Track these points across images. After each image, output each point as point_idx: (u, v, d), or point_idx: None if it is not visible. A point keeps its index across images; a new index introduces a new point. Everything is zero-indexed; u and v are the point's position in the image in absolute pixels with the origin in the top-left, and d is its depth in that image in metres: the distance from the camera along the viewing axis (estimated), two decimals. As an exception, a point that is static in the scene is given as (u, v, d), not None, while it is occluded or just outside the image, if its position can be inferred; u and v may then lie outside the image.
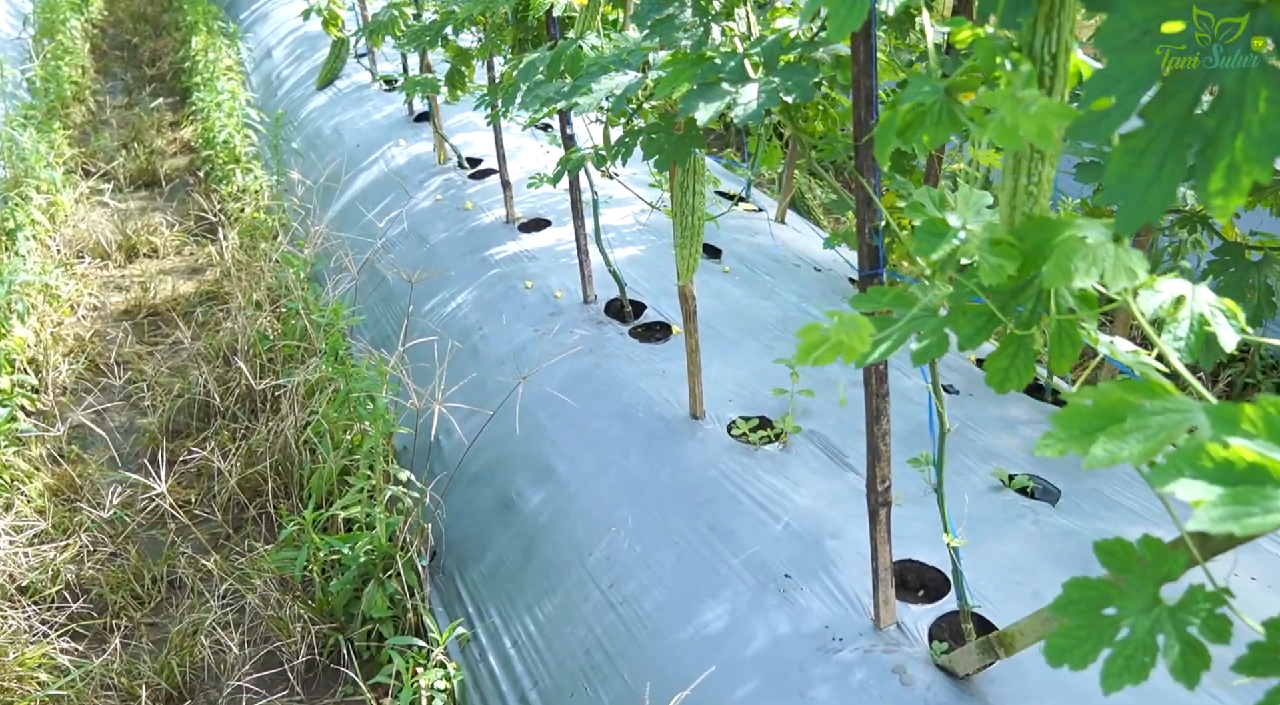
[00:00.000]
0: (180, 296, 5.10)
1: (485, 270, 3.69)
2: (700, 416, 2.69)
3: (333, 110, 5.91)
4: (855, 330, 1.27)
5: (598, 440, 2.74)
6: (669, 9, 1.93)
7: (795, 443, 2.57)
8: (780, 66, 1.78)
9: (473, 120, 5.03)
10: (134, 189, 6.66)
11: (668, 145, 2.11)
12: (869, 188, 1.77)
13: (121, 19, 11.35)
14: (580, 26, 2.60)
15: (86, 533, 3.25)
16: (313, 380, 3.50)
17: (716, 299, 3.28)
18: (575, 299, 3.35)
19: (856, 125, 1.75)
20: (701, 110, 1.69)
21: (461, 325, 3.49)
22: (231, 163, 5.78)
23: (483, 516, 2.82)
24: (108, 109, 8.25)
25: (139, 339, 4.74)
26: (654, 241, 3.67)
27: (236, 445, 3.63)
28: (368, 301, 4.03)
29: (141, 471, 3.78)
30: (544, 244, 3.76)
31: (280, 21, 8.16)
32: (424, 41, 3.78)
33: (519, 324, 3.32)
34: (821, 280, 3.50)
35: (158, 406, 4.08)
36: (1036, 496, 2.37)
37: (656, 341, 3.09)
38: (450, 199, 4.32)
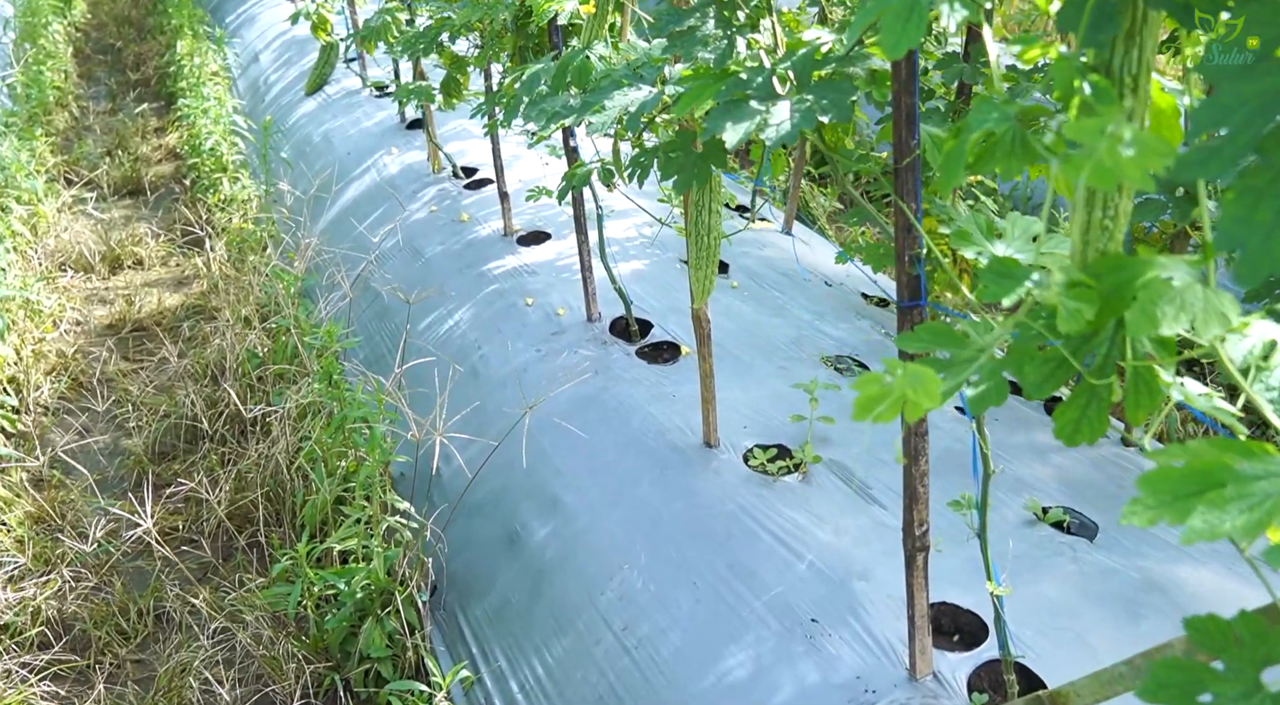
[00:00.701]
0: (166, 310, 4.95)
1: (483, 286, 3.56)
2: (714, 444, 2.56)
3: (322, 117, 5.76)
4: (922, 385, 1.14)
5: (607, 470, 2.61)
6: (690, 20, 1.80)
7: (816, 473, 2.44)
8: (813, 83, 1.65)
9: (467, 128, 4.89)
10: (118, 198, 6.50)
11: (687, 165, 1.98)
12: (910, 213, 1.65)
13: (105, 22, 11.17)
14: (587, 35, 2.47)
15: (69, 566, 3.10)
16: (305, 402, 3.36)
17: (726, 317, 3.15)
18: (579, 317, 3.22)
19: (897, 146, 1.63)
20: (730, 131, 1.57)
21: (459, 345, 3.36)
22: (218, 171, 5.63)
23: (486, 550, 2.69)
24: (91, 115, 8.08)
25: (123, 355, 4.59)
26: (658, 256, 3.55)
27: (225, 470, 3.48)
28: (361, 318, 3.89)
29: (127, 497, 3.63)
30: (544, 258, 3.63)
31: (267, 25, 8.00)
32: (418, 48, 3.65)
33: (520, 344, 3.19)
34: (833, 296, 3.38)
35: (143, 427, 3.93)
36: (1073, 531, 2.25)
37: (665, 363, 2.96)
38: (445, 210, 4.18)
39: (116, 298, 5.04)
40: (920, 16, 1.25)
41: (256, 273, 4.49)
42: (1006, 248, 1.57)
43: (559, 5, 2.52)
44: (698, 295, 2.36)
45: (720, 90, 1.68)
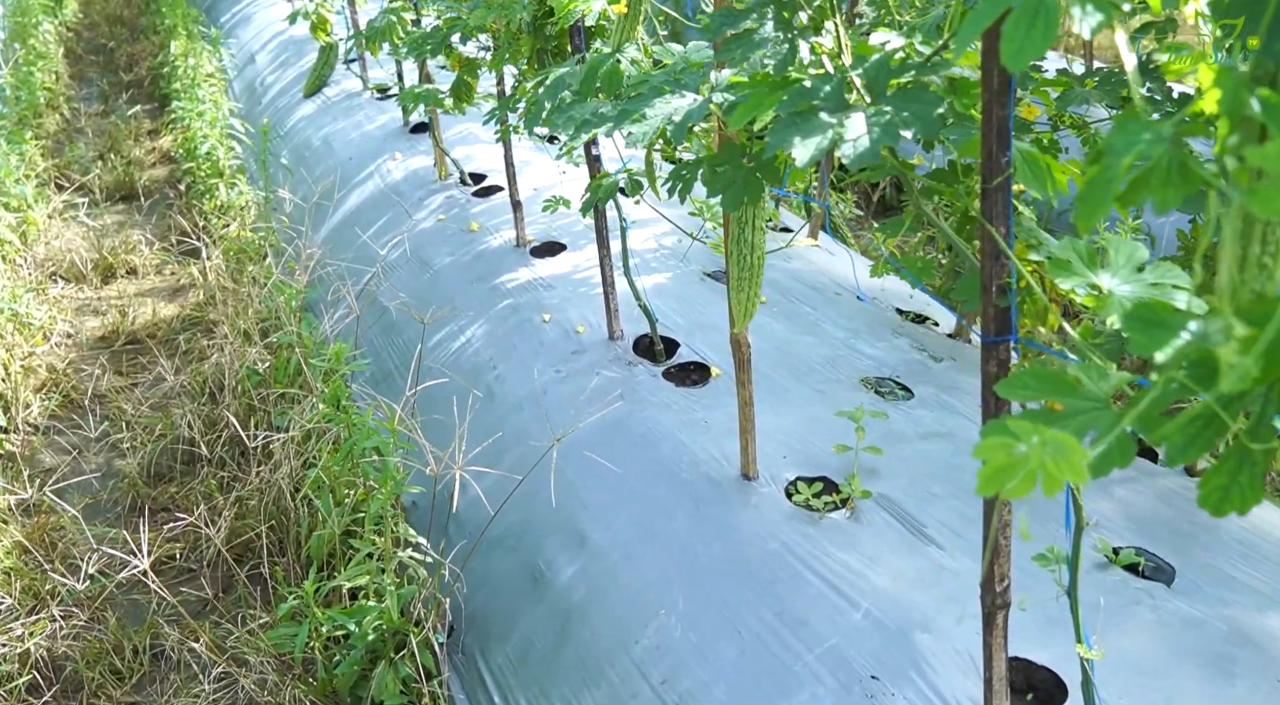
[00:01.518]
0: (161, 321, 4.76)
1: (496, 301, 3.38)
2: (753, 476, 2.39)
3: (321, 120, 5.58)
4: (1065, 456, 0.97)
5: (637, 503, 2.44)
6: (746, 22, 1.63)
7: (864, 510, 2.27)
8: (890, 92, 1.47)
9: (474, 132, 4.71)
10: (111, 203, 6.31)
11: (737, 179, 1.81)
12: (999, 238, 1.47)
13: (97, 22, 10.97)
14: (617, 38, 2.29)
15: (59, 604, 2.92)
16: (309, 424, 3.18)
17: (756, 335, 2.97)
18: (599, 335, 3.05)
19: (986, 164, 1.45)
20: (799, 147, 1.39)
21: (472, 364, 3.18)
22: (214, 176, 5.44)
23: (507, 588, 2.51)
24: (83, 117, 7.89)
25: (117, 370, 4.40)
26: (680, 269, 3.37)
27: (225, 496, 3.30)
28: (367, 333, 3.71)
29: (121, 523, 3.45)
30: (560, 271, 3.45)
31: (264, 25, 7.81)
32: (425, 50, 3.47)
33: (538, 363, 3.01)
34: (866, 311, 3.20)
35: (138, 448, 3.74)
36: (1148, 575, 2.08)
37: (694, 385, 2.79)
38: (453, 219, 4.00)
39: (109, 308, 4.85)
40: (1049, 21, 1.07)
41: (256, 284, 4.31)
42: (1111, 278, 1.40)
43: (585, 6, 2.34)
44: (738, 319, 2.18)
45: (782, 100, 1.51)
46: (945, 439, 2.50)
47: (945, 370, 2.84)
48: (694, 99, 1.84)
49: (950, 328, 3.18)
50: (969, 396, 2.71)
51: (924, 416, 2.59)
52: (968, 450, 2.46)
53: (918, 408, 2.64)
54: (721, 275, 3.38)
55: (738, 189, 1.80)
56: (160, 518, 3.51)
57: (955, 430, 2.54)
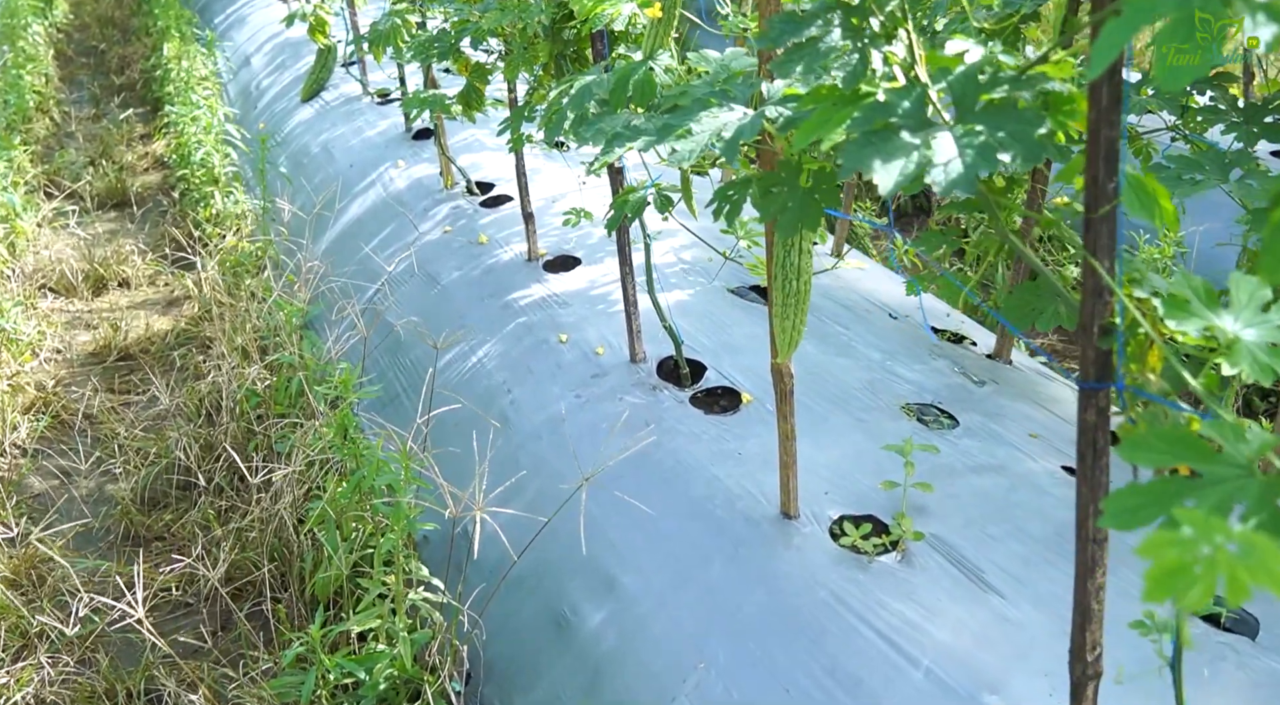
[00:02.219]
0: (155, 335, 4.58)
1: (509, 319, 3.21)
2: (795, 516, 2.22)
3: (320, 126, 5.40)
4: (1260, 561, 0.80)
5: (669, 544, 2.27)
6: (810, 29, 1.46)
7: (917, 553, 2.10)
8: (981, 110, 1.31)
9: (479, 138, 4.54)
10: (102, 210, 6.12)
11: (793, 202, 1.64)
12: (1103, 273, 1.31)
13: (88, 23, 10.77)
14: (649, 44, 2.12)
15: (49, 650, 2.74)
16: (313, 452, 3.01)
17: (787, 357, 2.81)
18: (620, 357, 2.88)
19: (1090, 190, 1.28)
20: (881, 171, 1.22)
21: (485, 386, 3.01)
22: (209, 184, 5.26)
23: (529, 634, 2.34)
24: (73, 121, 7.70)
25: (109, 388, 4.22)
26: (704, 285, 3.20)
27: (224, 526, 3.12)
28: (372, 353, 3.54)
29: (114, 553, 3.27)
30: (575, 287, 3.28)
31: (259, 26, 7.63)
32: (432, 54, 3.30)
33: (555, 387, 2.84)
34: (900, 330, 3.04)
35: (131, 472, 3.57)
36: (1230, 627, 1.92)
37: (723, 412, 2.62)
38: (461, 231, 3.83)
39: (101, 322, 4.66)
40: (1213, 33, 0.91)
41: (254, 298, 4.13)
42: (1234, 321, 1.24)
43: (614, 9, 2.17)
44: (782, 348, 2.02)
45: (854, 117, 1.34)
46: (997, 473, 2.33)
47: (989, 395, 2.68)
48: (743, 113, 1.67)
49: (988, 347, 3.02)
50: (1016, 424, 2.54)
51: (972, 447, 2.43)
52: (1023, 485, 2.29)
53: (964, 437, 2.47)
54: (748, 292, 3.21)
55: (794, 213, 1.64)
56: (155, 547, 3.34)
57: (1006, 463, 2.37)
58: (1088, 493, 1.44)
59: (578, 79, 2.23)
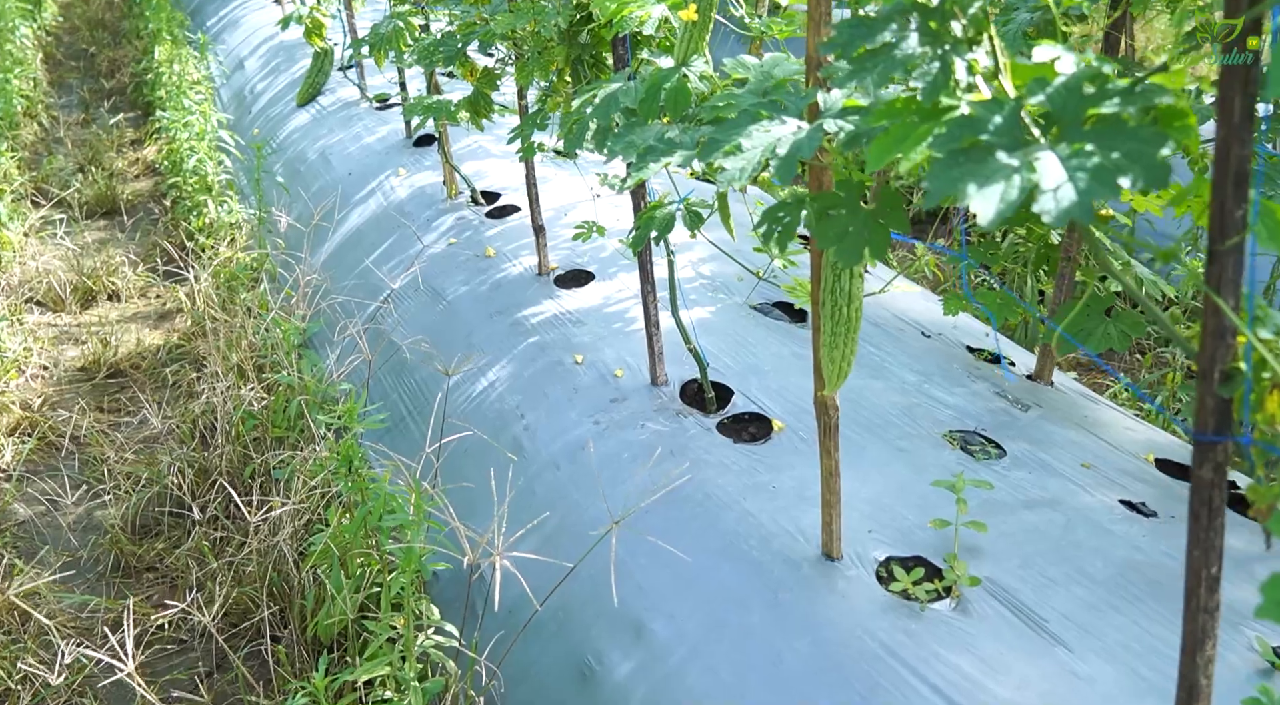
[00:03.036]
0: (146, 350, 4.40)
1: (520, 338, 3.04)
2: (838, 557, 2.06)
3: (317, 131, 5.23)
4: None
5: (701, 587, 2.11)
6: (884, 34, 1.30)
7: (972, 599, 1.94)
8: (1088, 127, 1.15)
9: (484, 145, 4.38)
10: (92, 218, 5.95)
11: (855, 226, 1.48)
12: (1229, 312, 1.15)
13: (77, 26, 10.58)
14: (683, 49, 1.96)
15: (33, 701, 2.57)
16: (313, 480, 2.84)
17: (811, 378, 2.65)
18: (641, 380, 2.71)
19: (1217, 218, 1.13)
20: (979, 197, 1.06)
21: (496, 411, 2.84)
22: (202, 192, 5.09)
23: (549, 685, 2.17)
24: (62, 126, 7.51)
25: (98, 406, 4.05)
26: (725, 302, 3.04)
27: (219, 558, 2.95)
28: (375, 373, 3.37)
29: (102, 586, 3.10)
30: (589, 303, 3.12)
31: (253, 29, 7.46)
32: (436, 59, 3.14)
33: (572, 413, 2.68)
34: (935, 350, 2.88)
35: (121, 498, 3.40)
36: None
37: (753, 441, 2.46)
38: (466, 243, 3.66)
39: (90, 337, 4.49)
40: None
41: (249, 313, 3.96)
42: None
43: (643, 11, 2.01)
44: (830, 380, 1.86)
45: (939, 134, 1.18)
46: (1052, 508, 2.17)
47: (1035, 421, 2.52)
48: (797, 127, 1.51)
49: (1028, 368, 2.87)
50: (1066, 453, 2.39)
51: (1023, 480, 2.27)
52: (1080, 522, 2.14)
53: (1013, 469, 2.31)
54: (771, 309, 3.05)
55: (856, 238, 1.48)
56: (147, 579, 3.17)
57: (1061, 497, 2.22)
58: (1200, 557, 1.27)
59: (602, 86, 2.07)
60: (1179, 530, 2.13)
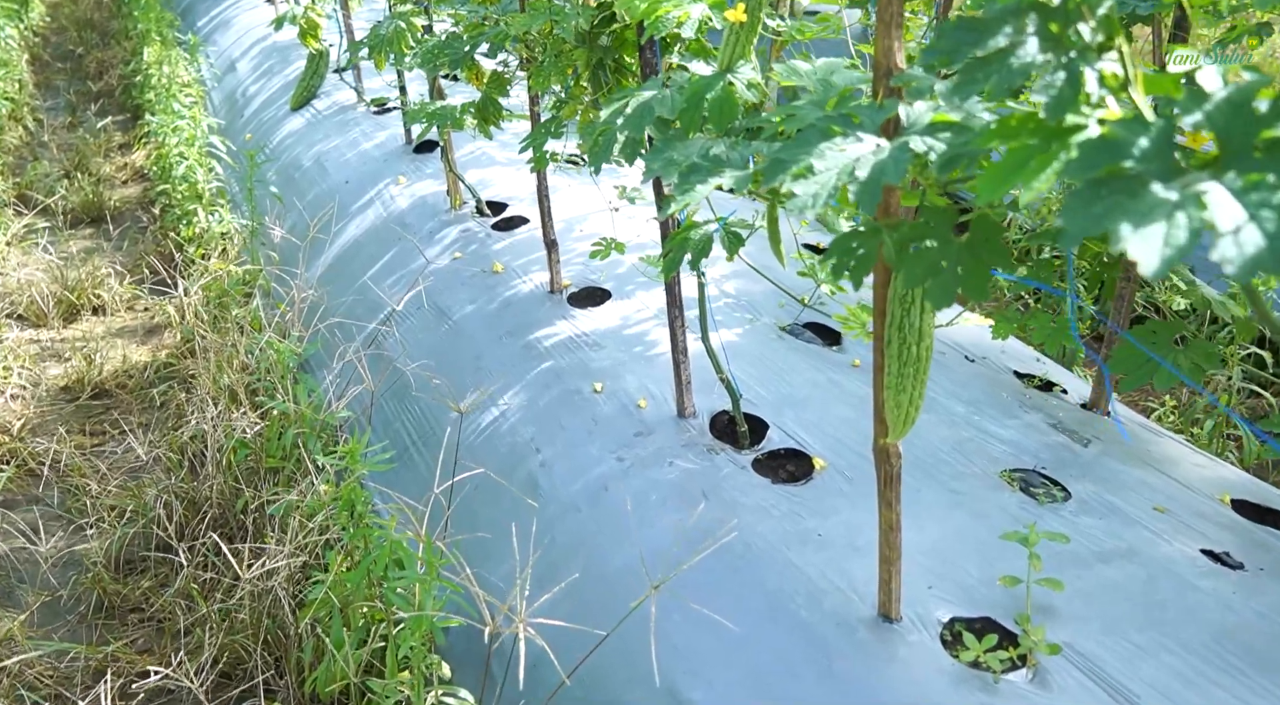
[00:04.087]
0: (133, 368, 4.18)
1: (532, 363, 2.83)
2: (896, 618, 1.85)
3: (312, 137, 5.01)
4: None
5: (746, 652, 1.89)
6: (996, 39, 1.09)
7: (1051, 669, 1.73)
8: (1262, 152, 0.94)
9: (488, 152, 4.16)
10: (77, 226, 5.72)
11: (947, 261, 1.28)
12: None
13: (65, 26, 10.34)
14: (728, 54, 1.75)
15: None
16: (310, 515, 2.63)
17: (858, 412, 2.45)
18: (666, 411, 2.50)
19: None
20: (1135, 241, 0.86)
21: (509, 444, 2.63)
22: (193, 200, 4.86)
23: (575, 759, 1.96)
24: (48, 130, 7.28)
25: (81, 428, 3.83)
26: (753, 323, 2.83)
27: (208, 601, 2.74)
28: (377, 399, 3.15)
29: (84, 629, 2.88)
30: (607, 324, 2.90)
31: (245, 29, 7.23)
32: (441, 62, 2.93)
33: (592, 448, 2.46)
34: (980, 376, 2.67)
35: (104, 531, 3.18)
36: None
37: (792, 481, 2.25)
38: (472, 257, 3.45)
39: (73, 353, 4.26)
40: None
41: (241, 331, 3.74)
42: None
43: (681, 12, 1.79)
44: (895, 426, 1.65)
45: (1071, 159, 0.97)
46: (1130, 560, 1.97)
47: (1097, 458, 2.32)
48: (876, 145, 1.30)
49: (1081, 395, 2.66)
50: (1136, 495, 2.18)
51: (1093, 528, 2.06)
52: (1162, 576, 1.93)
53: (1081, 514, 2.11)
54: (802, 331, 2.84)
55: (950, 276, 1.27)
56: (132, 620, 2.95)
57: (1137, 546, 2.01)
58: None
59: (633, 94, 1.86)
60: (1270, 586, 1.93)
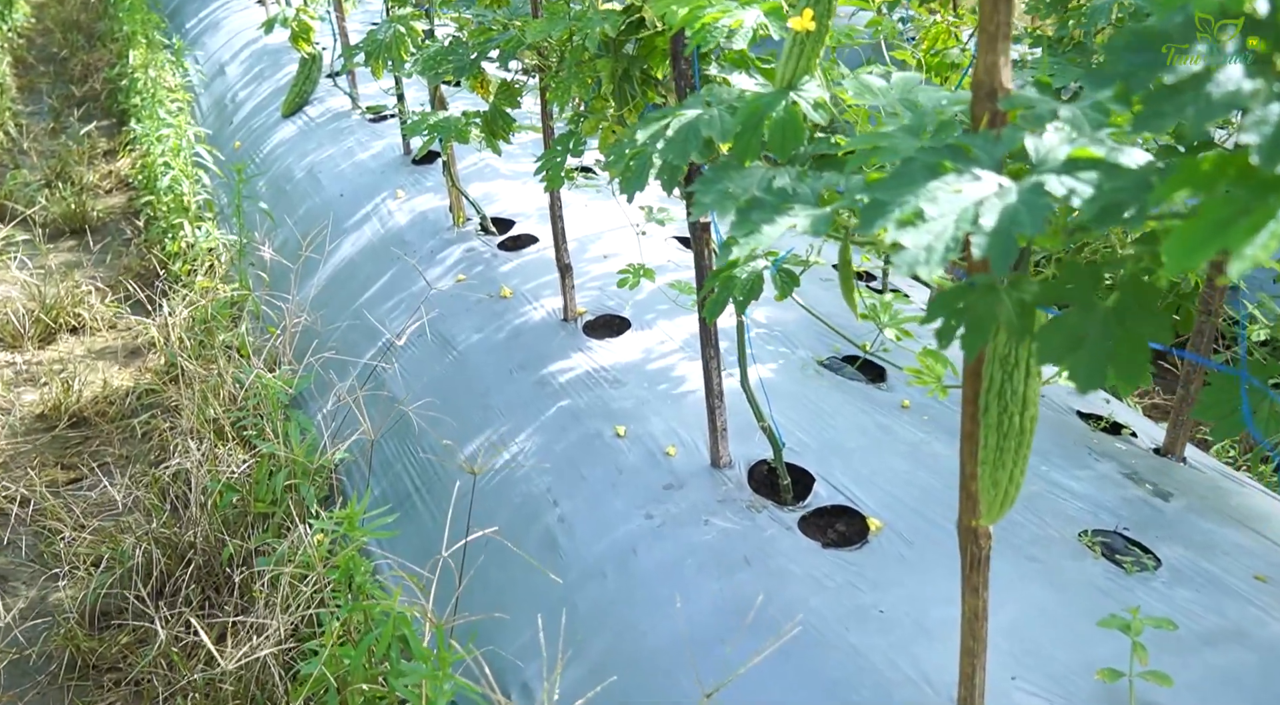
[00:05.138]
0: (114, 394, 3.92)
1: (547, 401, 2.58)
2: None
3: (304, 146, 4.75)
4: None
5: (804, 756, 1.65)
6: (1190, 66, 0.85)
7: (1168, 784, 1.49)
8: None
9: (490, 163, 3.91)
10: (58, 239, 5.45)
11: (1093, 333, 1.04)
12: None
13: (50, 28, 10.06)
14: (790, 68, 1.49)
15: None
16: (301, 575, 2.38)
17: (913, 462, 2.20)
18: (698, 460, 2.26)
19: None
20: None
21: (523, 494, 2.38)
22: (178, 213, 4.60)
23: None
24: (29, 136, 7.01)
25: (57, 460, 3.57)
26: (787, 356, 2.59)
27: (190, 667, 2.48)
28: (376, 442, 2.90)
29: (53, 695, 2.63)
30: (627, 358, 2.66)
31: (235, 31, 6.97)
32: (445, 70, 2.68)
33: (617, 502, 2.22)
34: (1043, 418, 2.43)
35: (79, 581, 2.92)
36: None
37: (845, 544, 2.00)
38: (478, 279, 3.20)
39: (50, 377, 4.00)
40: None
41: (228, 357, 3.49)
42: None
43: (732, 19, 1.55)
44: (991, 507, 1.40)
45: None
46: (1239, 644, 1.72)
47: (1181, 514, 2.07)
48: (998, 185, 1.05)
49: (1151, 437, 2.42)
50: (1232, 561, 1.94)
51: (1191, 603, 1.82)
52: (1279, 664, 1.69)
53: (1175, 585, 1.86)
54: (842, 366, 2.60)
55: (1096, 353, 1.03)
56: (107, 681, 2.69)
57: (1244, 626, 1.77)
58: None
59: (673, 114, 1.61)
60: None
